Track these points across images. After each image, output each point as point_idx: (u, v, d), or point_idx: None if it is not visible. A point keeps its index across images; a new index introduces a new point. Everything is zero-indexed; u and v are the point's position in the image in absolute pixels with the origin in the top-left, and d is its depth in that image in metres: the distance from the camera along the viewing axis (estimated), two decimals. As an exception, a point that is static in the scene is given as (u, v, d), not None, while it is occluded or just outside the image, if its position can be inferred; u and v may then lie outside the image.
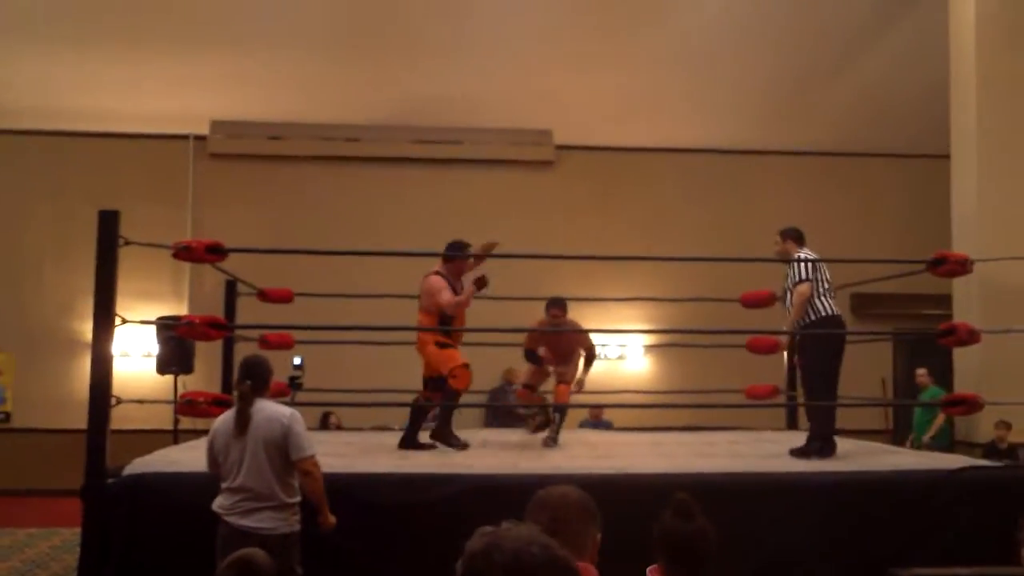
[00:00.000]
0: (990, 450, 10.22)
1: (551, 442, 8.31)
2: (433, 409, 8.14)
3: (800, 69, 13.48)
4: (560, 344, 8.49)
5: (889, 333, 13.82)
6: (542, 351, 8.52)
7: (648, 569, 3.22)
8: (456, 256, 7.86)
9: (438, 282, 7.70)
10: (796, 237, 7.78)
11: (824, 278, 7.47)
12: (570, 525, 2.71)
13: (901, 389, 14.49)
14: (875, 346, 12.71)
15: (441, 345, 7.72)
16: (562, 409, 8.61)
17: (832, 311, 7.44)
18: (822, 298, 7.41)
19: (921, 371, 12.25)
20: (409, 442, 7.87)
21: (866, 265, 9.65)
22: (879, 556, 6.04)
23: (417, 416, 8.01)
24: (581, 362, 8.56)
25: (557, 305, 8.33)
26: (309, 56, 12.92)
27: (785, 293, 7.75)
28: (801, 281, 7.40)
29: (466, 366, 7.62)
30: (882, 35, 13.02)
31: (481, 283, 7.63)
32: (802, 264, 7.42)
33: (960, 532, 6.19)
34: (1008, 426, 10.33)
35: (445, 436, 7.76)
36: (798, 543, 5.96)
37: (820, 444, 7.30)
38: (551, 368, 8.62)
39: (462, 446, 7.68)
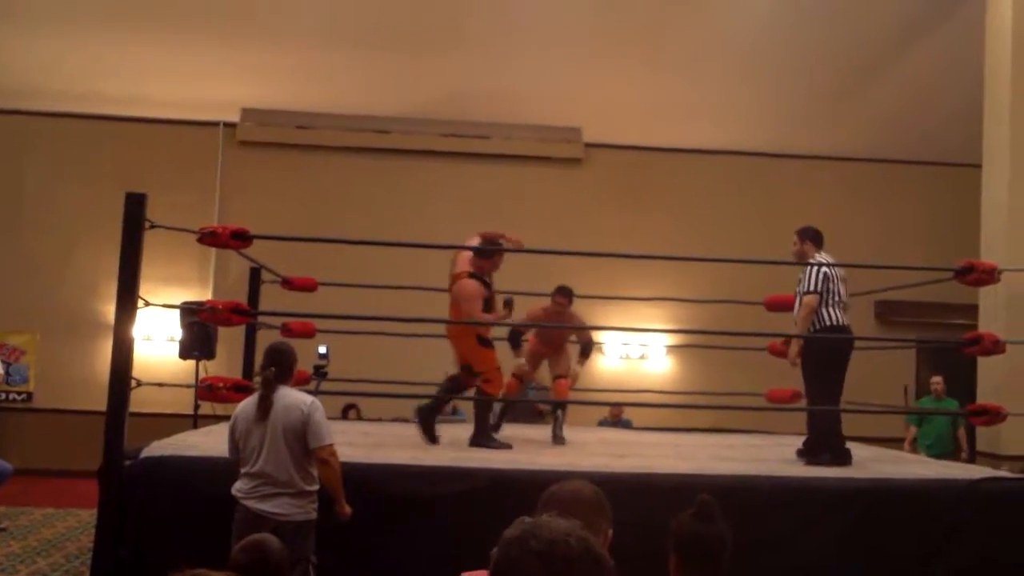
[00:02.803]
0: None
1: (559, 440, 8.27)
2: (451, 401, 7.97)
3: (834, 75, 13.42)
4: (553, 332, 8.48)
5: (914, 341, 13.75)
6: (529, 336, 8.54)
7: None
8: (489, 252, 7.65)
9: (474, 289, 7.51)
10: (814, 238, 7.56)
11: (837, 289, 7.28)
12: (581, 520, 2.69)
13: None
14: (899, 354, 12.63)
15: (482, 342, 7.62)
16: (562, 405, 8.52)
17: (839, 321, 7.26)
18: (830, 308, 7.22)
19: (936, 379, 11.49)
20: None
21: (893, 272, 9.57)
22: (897, 565, 6.01)
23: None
24: (577, 354, 8.57)
25: (563, 294, 8.32)
26: (340, 47, 12.94)
27: (796, 297, 7.55)
28: (809, 292, 7.24)
29: (499, 370, 7.62)
30: (918, 44, 12.94)
31: (510, 307, 7.54)
32: (815, 274, 7.26)
33: (980, 543, 6.14)
34: None
35: (487, 441, 7.55)
36: (815, 550, 5.91)
37: (831, 454, 7.14)
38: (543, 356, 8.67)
39: (506, 447, 7.50)
